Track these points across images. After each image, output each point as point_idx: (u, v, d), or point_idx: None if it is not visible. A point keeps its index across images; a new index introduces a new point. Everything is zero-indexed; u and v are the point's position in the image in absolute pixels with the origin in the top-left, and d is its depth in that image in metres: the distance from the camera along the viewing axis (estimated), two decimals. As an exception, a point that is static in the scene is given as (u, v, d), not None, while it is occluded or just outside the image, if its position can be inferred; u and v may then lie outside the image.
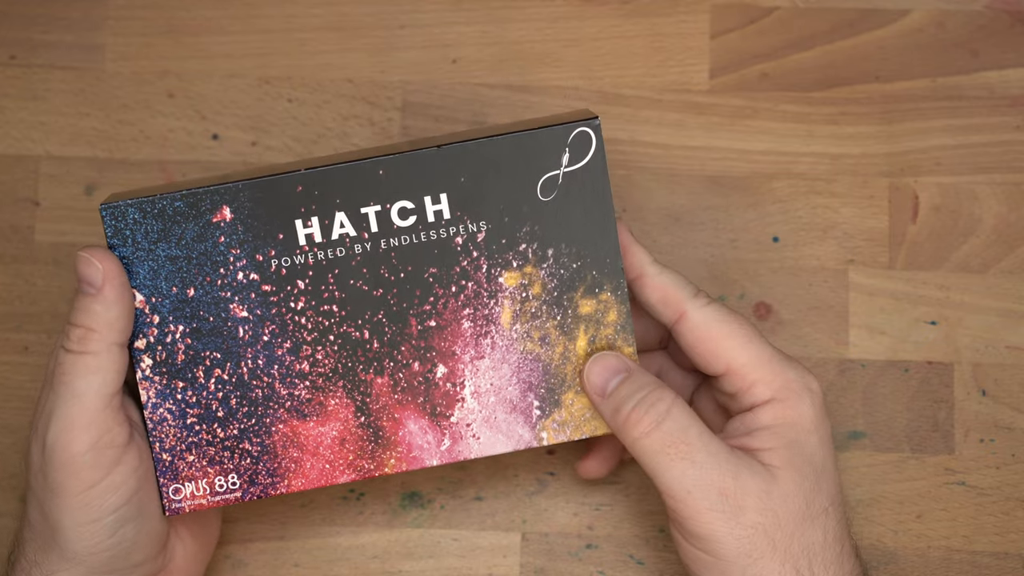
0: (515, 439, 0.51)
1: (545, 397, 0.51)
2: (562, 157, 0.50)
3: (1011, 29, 0.62)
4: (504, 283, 0.51)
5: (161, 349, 0.50)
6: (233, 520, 0.60)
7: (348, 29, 0.62)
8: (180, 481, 0.51)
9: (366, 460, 0.51)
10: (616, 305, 0.51)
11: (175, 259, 0.50)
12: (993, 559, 0.59)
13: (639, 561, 0.59)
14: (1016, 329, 0.60)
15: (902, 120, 0.61)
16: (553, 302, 0.51)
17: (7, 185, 0.62)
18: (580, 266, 0.50)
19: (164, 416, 0.50)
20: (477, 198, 0.50)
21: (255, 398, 0.51)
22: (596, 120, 0.50)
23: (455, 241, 0.50)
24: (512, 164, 0.50)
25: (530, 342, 0.51)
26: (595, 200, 0.50)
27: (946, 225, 0.61)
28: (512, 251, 0.50)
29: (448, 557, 0.59)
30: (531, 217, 0.50)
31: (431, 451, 0.51)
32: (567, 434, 0.51)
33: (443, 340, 0.51)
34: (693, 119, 0.61)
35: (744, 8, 0.62)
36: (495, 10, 0.62)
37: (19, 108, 0.62)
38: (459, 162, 0.50)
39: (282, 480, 0.51)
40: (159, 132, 0.62)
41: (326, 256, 0.50)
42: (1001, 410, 0.59)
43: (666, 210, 0.61)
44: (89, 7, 0.63)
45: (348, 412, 0.51)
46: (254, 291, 0.50)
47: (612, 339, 0.51)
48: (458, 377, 0.51)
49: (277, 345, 0.50)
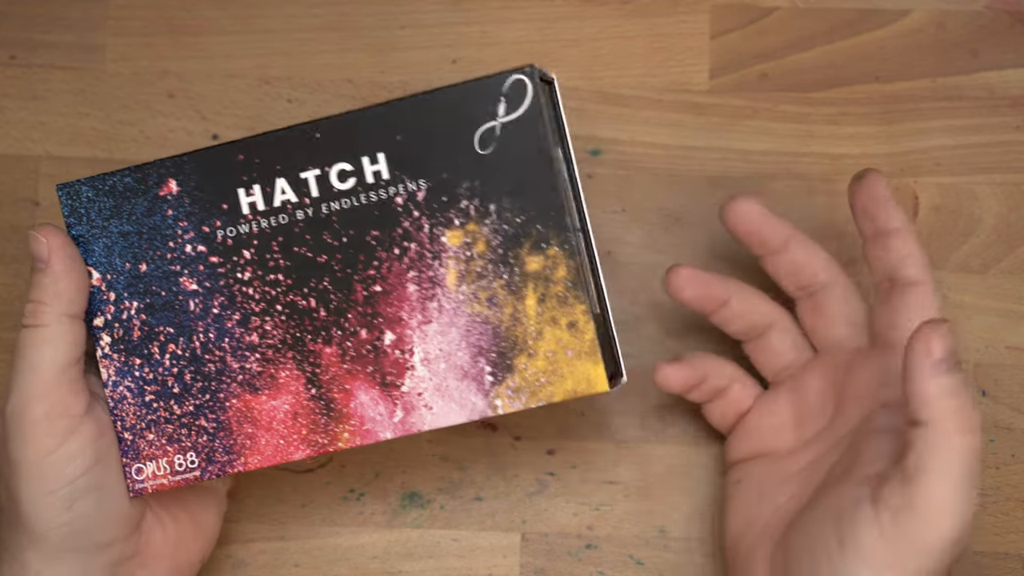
0: (468, 408, 0.49)
1: (497, 362, 0.49)
2: (498, 107, 0.48)
3: (1011, 29, 0.62)
4: (447, 242, 0.49)
5: (118, 326, 0.50)
6: (233, 520, 0.60)
7: (348, 29, 0.63)
8: (142, 460, 0.51)
9: (319, 434, 0.50)
10: (565, 260, 0.48)
11: (127, 235, 0.50)
12: (993, 559, 0.59)
13: (639, 561, 0.59)
14: (1016, 329, 0.60)
15: (902, 120, 0.61)
16: (499, 260, 0.49)
17: (7, 185, 0.62)
18: (524, 220, 0.49)
19: (124, 394, 0.51)
20: (415, 156, 0.49)
21: (208, 372, 0.50)
22: (531, 67, 0.48)
23: (395, 202, 0.49)
24: (448, 119, 0.49)
25: (478, 303, 0.49)
26: (536, 150, 0.48)
27: (946, 225, 0.61)
28: (453, 208, 0.49)
29: (448, 557, 0.59)
30: (470, 172, 0.49)
31: (384, 423, 0.50)
32: (522, 401, 0.49)
33: (389, 305, 0.50)
34: (693, 119, 0.61)
35: (744, 8, 0.62)
36: (495, 10, 0.62)
37: (19, 108, 0.62)
38: (394, 120, 0.49)
39: (238, 457, 0.51)
40: (159, 132, 0.62)
41: (269, 224, 0.50)
42: (1001, 410, 0.59)
43: (666, 210, 0.61)
44: (89, 7, 0.63)
45: (299, 384, 0.50)
46: (202, 263, 0.50)
47: (563, 296, 0.49)
48: (406, 343, 0.50)
49: (227, 317, 0.50)
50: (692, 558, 0.59)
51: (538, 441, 0.60)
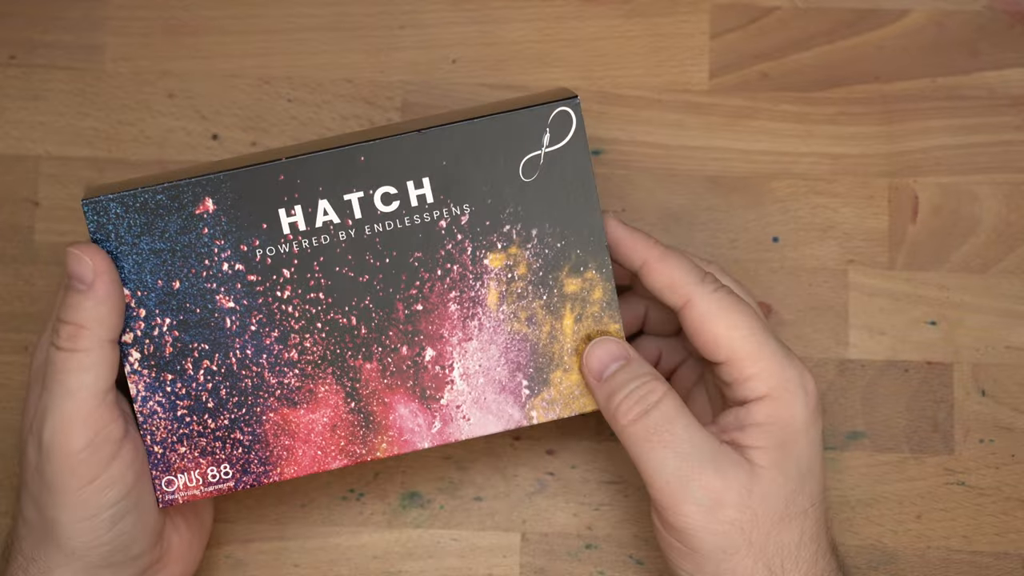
0: (505, 419, 0.51)
1: (534, 376, 0.51)
2: (543, 137, 0.50)
3: (1011, 29, 0.62)
4: (489, 265, 0.51)
5: (149, 342, 0.50)
6: (233, 520, 0.60)
7: (348, 29, 0.62)
8: (172, 473, 0.51)
9: (357, 445, 0.51)
10: (601, 283, 0.51)
11: (159, 252, 0.50)
12: (992, 559, 0.59)
13: (639, 561, 0.59)
14: (1016, 329, 0.60)
15: (902, 120, 0.61)
16: (539, 282, 0.51)
17: (7, 185, 0.62)
18: (564, 245, 0.51)
19: (154, 409, 0.51)
20: (459, 181, 0.50)
21: (245, 388, 0.51)
22: (576, 99, 0.50)
23: (439, 225, 0.50)
24: (493, 146, 0.50)
25: (517, 322, 0.51)
26: (577, 179, 0.50)
27: (946, 225, 0.61)
28: (496, 233, 0.50)
29: (448, 557, 0.59)
30: (514, 198, 0.50)
31: (422, 434, 0.51)
32: (556, 412, 0.52)
33: (430, 323, 0.51)
34: (693, 119, 0.61)
35: (744, 8, 0.62)
36: (495, 10, 0.62)
37: (19, 108, 0.62)
38: (440, 146, 0.50)
39: (274, 468, 0.51)
40: (159, 132, 0.62)
41: (311, 244, 0.50)
42: (1001, 410, 0.59)
43: (666, 210, 0.61)
44: (89, 7, 0.63)
45: (338, 398, 0.51)
46: (240, 281, 0.50)
47: (598, 317, 0.51)
48: (447, 360, 0.51)
49: (265, 335, 0.50)
50: (692, 558, 0.59)
51: (538, 441, 0.60)
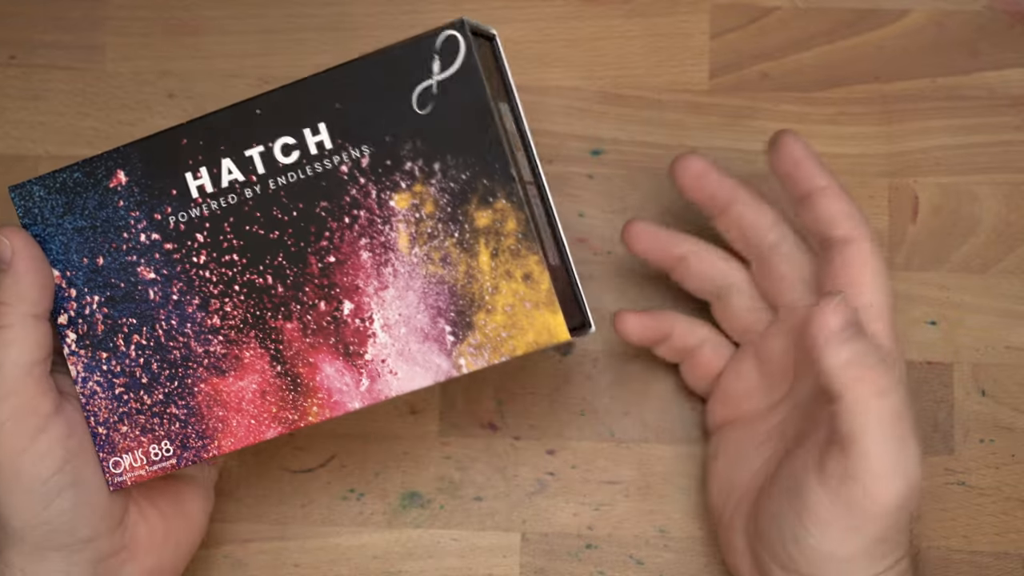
0: (433, 370, 0.49)
1: (456, 321, 0.49)
2: (433, 65, 0.48)
3: (1011, 29, 0.62)
4: (395, 206, 0.49)
5: (82, 322, 0.50)
6: (233, 520, 0.60)
7: (348, 29, 0.63)
8: (118, 453, 0.51)
9: (289, 411, 0.50)
10: (513, 212, 0.48)
11: (82, 230, 0.50)
12: (992, 559, 0.59)
13: (639, 561, 0.59)
14: (1016, 329, 0.60)
15: (902, 120, 0.61)
16: (448, 219, 0.49)
17: (6, 185, 0.62)
18: (469, 176, 0.48)
19: (94, 389, 0.51)
20: (355, 123, 0.49)
21: (174, 359, 0.50)
22: (461, 21, 0.48)
23: (340, 170, 0.49)
24: (384, 82, 0.48)
25: (432, 264, 0.49)
26: (474, 104, 0.48)
27: (946, 225, 0.61)
28: (399, 171, 0.49)
29: (448, 557, 0.59)
30: (412, 133, 0.48)
31: (351, 393, 0.50)
32: (485, 358, 0.49)
33: (344, 275, 0.50)
34: (693, 119, 0.61)
35: (744, 8, 0.62)
36: (495, 10, 0.62)
37: (19, 108, 0.62)
38: (331, 89, 0.49)
39: (212, 441, 0.51)
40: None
41: (219, 205, 0.50)
42: (1001, 410, 0.59)
43: (666, 210, 0.61)
44: (89, 7, 0.63)
45: (264, 363, 0.50)
46: (157, 251, 0.50)
47: (515, 250, 0.48)
48: (365, 311, 0.50)
49: (187, 303, 0.50)
50: (692, 558, 0.59)
51: (538, 441, 0.60)
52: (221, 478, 0.60)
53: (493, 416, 0.60)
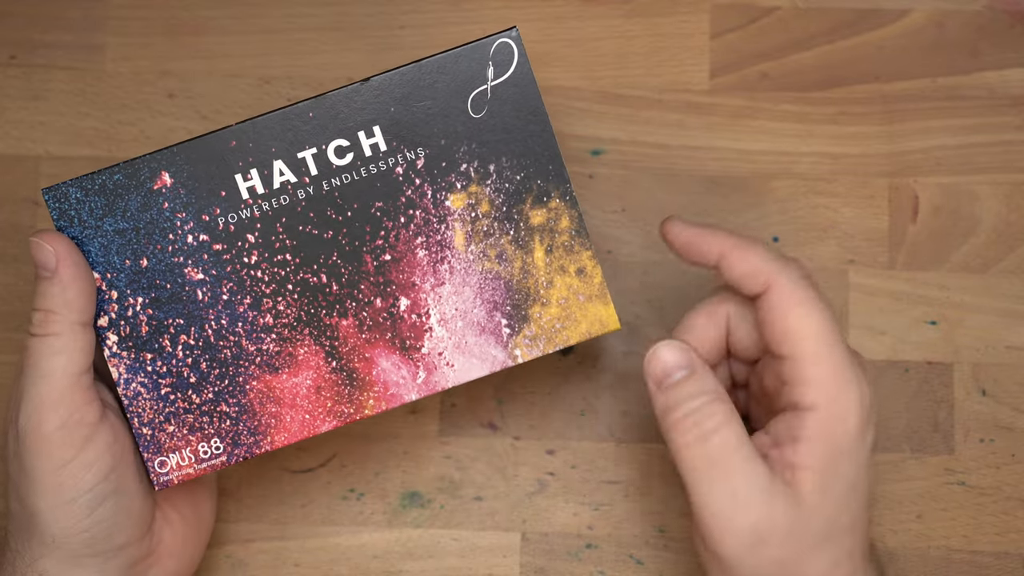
0: (489, 361, 0.51)
1: (512, 314, 0.51)
2: (487, 71, 0.50)
3: (1011, 29, 0.62)
4: (451, 206, 0.51)
5: (124, 324, 0.50)
6: (233, 520, 0.60)
7: (348, 29, 0.63)
8: (164, 453, 0.51)
9: (344, 405, 0.51)
10: (567, 210, 0.51)
11: (123, 232, 0.50)
12: (993, 559, 0.59)
13: (639, 561, 0.59)
14: (1016, 329, 0.60)
15: (902, 120, 0.61)
16: (503, 217, 0.51)
17: (7, 185, 0.62)
18: (524, 177, 0.51)
19: (138, 391, 0.51)
20: (410, 125, 0.50)
21: (224, 359, 0.51)
22: (514, 30, 0.50)
23: (395, 172, 0.50)
24: (439, 86, 0.50)
25: (487, 261, 0.51)
26: (527, 108, 0.50)
27: (946, 225, 0.61)
28: (454, 173, 0.50)
29: (448, 557, 0.59)
30: (467, 136, 0.50)
31: (408, 386, 0.51)
32: (540, 348, 0.51)
33: (400, 272, 0.51)
34: (693, 119, 0.62)
35: (744, 8, 0.62)
36: (495, 10, 0.62)
37: (19, 108, 0.62)
38: (386, 92, 0.50)
39: (264, 437, 0.51)
40: (159, 132, 0.62)
41: (271, 206, 0.50)
42: (1001, 410, 0.59)
43: (666, 210, 0.61)
44: (89, 7, 0.63)
45: (319, 359, 0.51)
46: (206, 252, 0.50)
47: (569, 246, 0.51)
48: (422, 307, 0.51)
49: (238, 302, 0.50)
50: (692, 558, 0.59)
51: (538, 441, 0.60)
52: (221, 478, 0.60)
53: (493, 416, 0.60)
